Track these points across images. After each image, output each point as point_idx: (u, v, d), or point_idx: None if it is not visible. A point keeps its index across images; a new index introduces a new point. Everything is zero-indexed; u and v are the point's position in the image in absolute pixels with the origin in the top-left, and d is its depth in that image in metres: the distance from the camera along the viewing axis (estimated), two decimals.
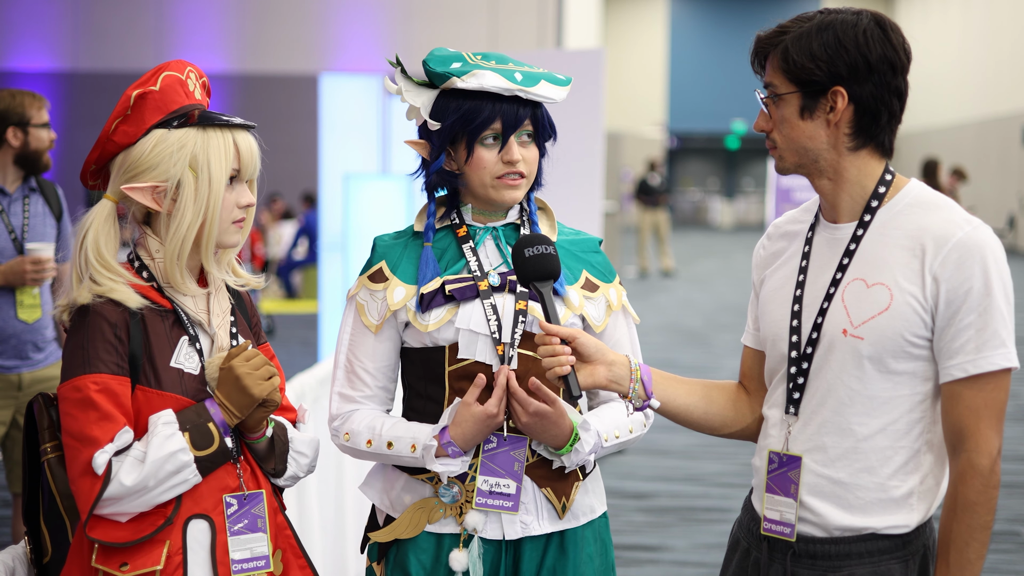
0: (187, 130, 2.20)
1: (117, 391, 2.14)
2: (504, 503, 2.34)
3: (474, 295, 2.34)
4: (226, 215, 2.23)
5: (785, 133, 2.17)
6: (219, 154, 2.21)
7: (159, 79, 2.22)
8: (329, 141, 9.20)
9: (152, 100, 2.21)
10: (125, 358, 2.16)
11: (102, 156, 2.25)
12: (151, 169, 2.19)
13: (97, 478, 2.10)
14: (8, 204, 4.44)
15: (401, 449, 2.34)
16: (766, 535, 2.23)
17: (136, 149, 2.20)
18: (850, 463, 2.15)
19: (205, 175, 2.19)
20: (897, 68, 2.12)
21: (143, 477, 2.10)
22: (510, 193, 2.36)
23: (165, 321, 2.21)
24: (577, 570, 2.39)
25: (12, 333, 4.41)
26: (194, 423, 2.16)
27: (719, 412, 2.36)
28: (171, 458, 2.12)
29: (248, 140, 2.26)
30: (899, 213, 2.15)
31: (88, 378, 2.12)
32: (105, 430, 2.11)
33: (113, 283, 2.17)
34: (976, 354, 2.07)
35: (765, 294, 2.31)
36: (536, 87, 2.32)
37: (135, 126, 2.21)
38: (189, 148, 2.19)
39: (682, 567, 5.36)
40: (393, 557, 2.39)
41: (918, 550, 2.17)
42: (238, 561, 2.22)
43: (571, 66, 7.11)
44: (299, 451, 2.34)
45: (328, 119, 9.14)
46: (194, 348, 2.22)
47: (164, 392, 2.18)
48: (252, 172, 2.27)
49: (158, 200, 2.21)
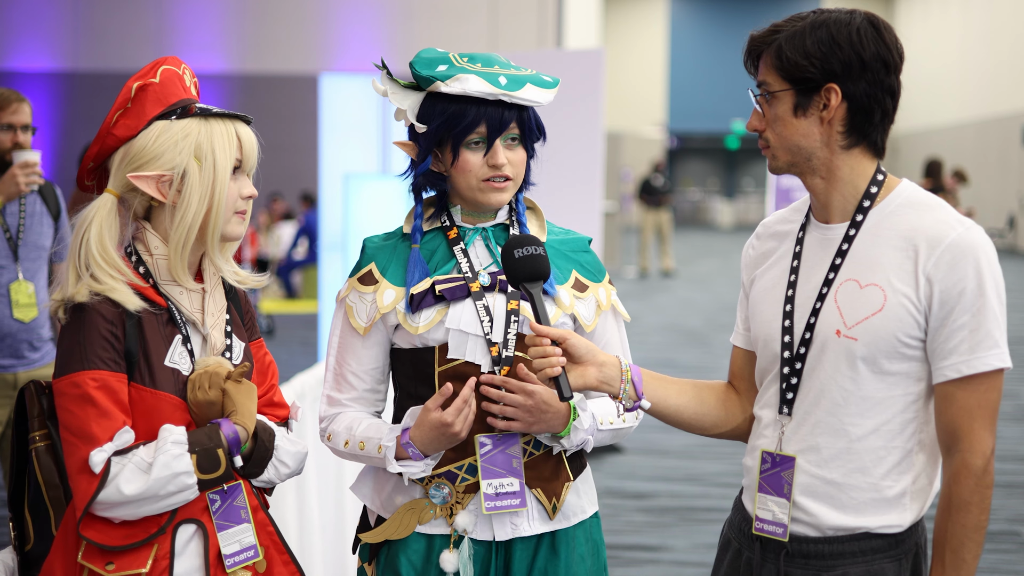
0: (190, 120, 2.21)
1: (115, 388, 2.14)
2: (512, 502, 2.34)
3: (465, 295, 2.34)
4: (230, 204, 2.23)
5: (778, 131, 2.17)
6: (223, 143, 2.22)
7: (158, 72, 2.24)
8: (329, 141, 9.20)
9: (153, 92, 2.22)
10: (122, 355, 2.16)
11: (102, 151, 2.25)
12: (156, 159, 2.20)
13: (94, 477, 2.10)
14: (5, 204, 4.44)
15: (370, 450, 2.34)
16: (758, 535, 2.23)
17: (139, 140, 2.21)
18: (844, 463, 2.15)
19: (210, 163, 2.20)
20: (890, 66, 2.13)
21: (143, 490, 2.11)
22: (496, 196, 2.36)
23: (160, 319, 2.21)
24: (568, 570, 2.39)
25: (8, 332, 4.42)
26: (204, 447, 2.16)
27: (709, 412, 2.36)
28: (175, 479, 2.13)
29: (248, 132, 2.27)
30: (891, 213, 2.15)
31: (87, 374, 2.12)
32: (104, 428, 2.11)
33: (114, 282, 2.17)
34: (970, 354, 2.07)
35: (755, 294, 2.30)
36: (521, 91, 2.31)
37: (136, 119, 2.22)
38: (193, 137, 2.20)
39: (682, 567, 5.36)
40: (384, 558, 2.39)
41: (911, 549, 2.17)
42: (230, 555, 2.22)
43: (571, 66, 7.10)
44: (282, 460, 2.32)
45: (328, 119, 9.14)
46: (186, 348, 2.22)
47: (158, 391, 2.17)
48: (252, 164, 2.29)
49: (163, 190, 2.21)
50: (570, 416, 2.33)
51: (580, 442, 2.37)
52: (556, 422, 2.32)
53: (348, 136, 9.19)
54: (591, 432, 2.38)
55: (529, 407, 2.28)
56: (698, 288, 17.74)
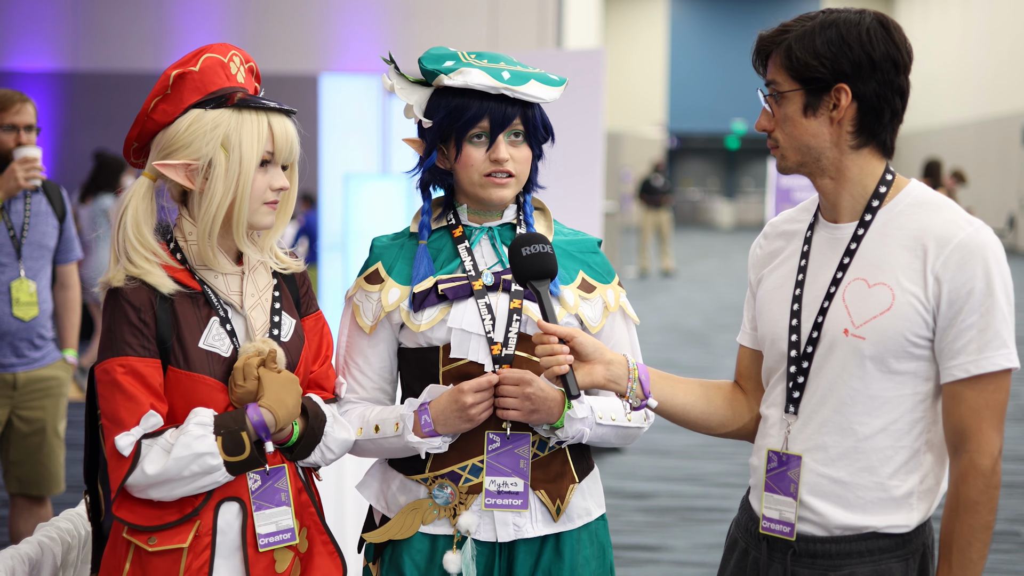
0: (222, 110, 2.24)
1: (143, 372, 2.18)
2: (513, 501, 2.34)
3: (467, 294, 2.34)
4: (257, 195, 2.26)
5: (788, 131, 2.17)
6: (251, 135, 2.24)
7: (200, 60, 2.26)
8: (329, 141, 9.19)
9: (191, 80, 2.24)
10: (152, 340, 2.20)
11: (142, 133, 2.29)
12: (185, 147, 2.23)
13: (124, 459, 2.16)
14: (10, 203, 4.45)
15: (387, 430, 2.33)
16: (765, 534, 2.22)
17: (172, 128, 2.24)
18: (851, 462, 2.15)
19: (236, 155, 2.22)
20: (900, 66, 2.13)
21: (164, 469, 2.14)
22: (497, 192, 2.35)
23: (196, 303, 2.25)
24: (573, 572, 2.39)
25: (8, 331, 4.42)
26: (228, 428, 2.19)
27: (716, 412, 2.36)
28: (197, 459, 2.16)
29: (284, 124, 2.28)
30: (900, 213, 2.15)
31: (115, 360, 2.19)
32: (131, 412, 2.16)
33: (149, 265, 2.22)
34: (978, 354, 2.07)
35: (763, 293, 2.30)
36: (524, 86, 2.31)
37: (173, 105, 2.25)
38: (223, 128, 2.23)
39: (682, 567, 5.35)
40: (388, 557, 2.39)
41: (918, 549, 2.17)
42: (264, 535, 2.25)
43: (571, 66, 7.10)
44: (328, 447, 2.34)
45: (328, 119, 9.14)
46: (225, 330, 2.25)
47: (193, 373, 2.21)
48: (288, 156, 2.30)
49: (191, 178, 2.24)
50: (564, 405, 2.32)
51: (576, 433, 2.34)
52: (555, 410, 2.31)
53: (348, 136, 9.19)
54: (588, 424, 2.35)
55: (527, 394, 2.27)
56: (698, 288, 17.73)
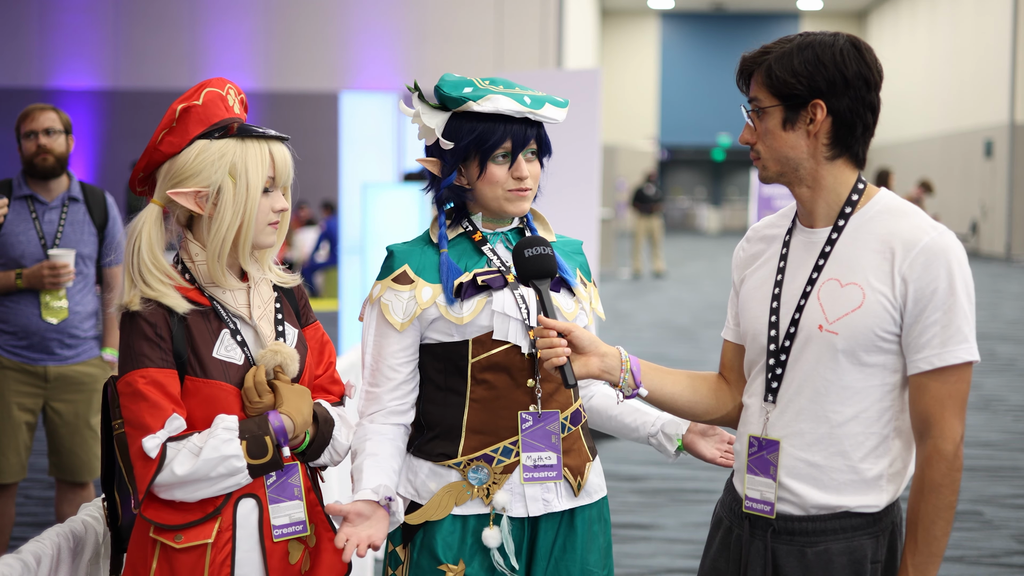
0: (227, 140, 2.24)
1: (163, 382, 2.18)
2: (548, 474, 2.36)
3: (503, 284, 2.36)
4: (262, 218, 2.27)
5: (768, 144, 2.18)
6: (256, 163, 2.24)
7: (202, 94, 2.26)
8: (348, 153, 9.21)
9: (195, 113, 2.25)
10: (169, 352, 2.20)
11: (149, 164, 2.29)
12: (194, 176, 2.23)
13: (151, 461, 2.15)
14: (43, 212, 4.35)
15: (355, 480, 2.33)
16: (747, 513, 2.23)
17: (181, 158, 2.24)
18: (825, 447, 2.15)
19: (243, 181, 2.23)
20: (871, 84, 2.13)
21: (193, 470, 2.14)
22: (519, 204, 2.38)
23: (207, 318, 2.25)
24: (585, 545, 2.40)
25: (35, 331, 4.32)
26: (252, 433, 2.19)
27: (702, 401, 2.37)
28: (224, 461, 2.16)
29: (282, 151, 2.29)
30: (871, 219, 2.16)
31: (136, 373, 2.18)
32: (155, 417, 2.16)
33: (164, 287, 2.21)
34: (941, 348, 2.07)
35: (745, 292, 2.31)
36: (542, 109, 2.35)
37: (179, 137, 2.25)
38: (229, 157, 2.23)
39: (672, 543, 5.36)
40: (420, 540, 2.38)
41: (887, 527, 2.17)
42: (279, 527, 2.26)
43: (570, 85, 7.11)
44: (335, 450, 2.37)
45: (348, 133, 9.15)
46: (235, 340, 2.26)
47: (210, 380, 2.22)
48: (286, 180, 2.31)
49: (200, 204, 2.24)
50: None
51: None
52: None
53: (366, 149, 9.21)
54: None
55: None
56: (687, 288, 17.72)
